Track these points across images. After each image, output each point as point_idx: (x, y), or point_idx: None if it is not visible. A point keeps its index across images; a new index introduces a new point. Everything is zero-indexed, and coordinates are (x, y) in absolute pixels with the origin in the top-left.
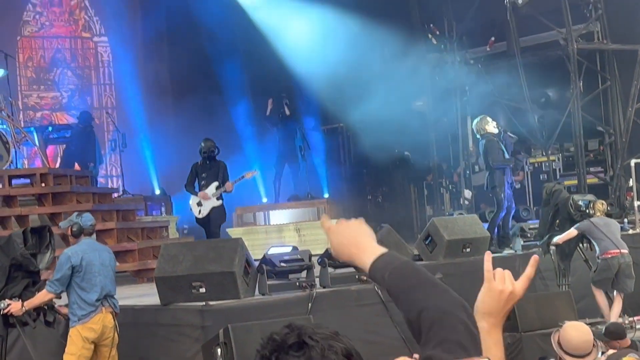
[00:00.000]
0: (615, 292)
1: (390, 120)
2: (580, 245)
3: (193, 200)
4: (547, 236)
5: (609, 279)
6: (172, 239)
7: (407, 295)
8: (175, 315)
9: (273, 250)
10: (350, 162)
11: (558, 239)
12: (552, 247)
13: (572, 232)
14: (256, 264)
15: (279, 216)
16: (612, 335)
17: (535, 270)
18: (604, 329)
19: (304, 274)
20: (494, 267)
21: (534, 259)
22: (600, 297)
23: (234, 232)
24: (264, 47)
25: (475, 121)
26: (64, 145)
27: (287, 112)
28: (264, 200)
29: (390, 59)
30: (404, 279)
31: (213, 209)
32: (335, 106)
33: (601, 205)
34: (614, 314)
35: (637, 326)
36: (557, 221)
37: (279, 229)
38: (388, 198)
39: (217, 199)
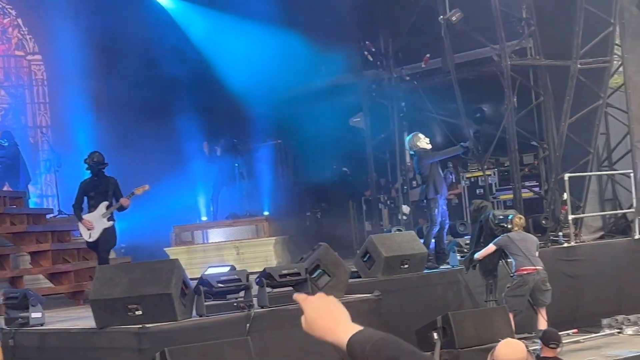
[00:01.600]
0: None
1: (329, 137)
2: (506, 260)
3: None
4: (470, 252)
5: (522, 296)
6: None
7: None
8: (112, 338)
9: (210, 270)
10: (289, 179)
11: (478, 254)
12: (476, 264)
13: (490, 247)
14: (194, 284)
15: (218, 235)
16: (548, 339)
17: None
18: (541, 334)
19: (242, 294)
20: (436, 283)
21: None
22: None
23: (172, 251)
24: (202, 65)
25: (407, 138)
26: None
27: (218, 153)
28: (203, 218)
29: (328, 76)
30: (388, 350)
31: (104, 230)
32: (273, 123)
33: (519, 219)
34: (542, 327)
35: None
36: (482, 237)
37: (217, 248)
38: (327, 214)
39: (108, 219)
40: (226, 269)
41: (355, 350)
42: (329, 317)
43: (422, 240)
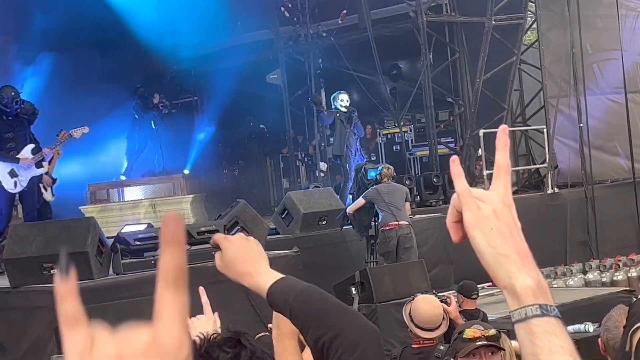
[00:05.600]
0: None
1: (245, 94)
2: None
3: (1, 170)
4: (343, 209)
5: (388, 252)
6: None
7: (319, 319)
8: (27, 297)
9: (127, 228)
10: (205, 136)
11: (349, 208)
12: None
13: (359, 201)
14: (110, 242)
15: (134, 192)
16: (469, 291)
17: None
18: (459, 287)
19: (159, 251)
20: (354, 239)
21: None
22: None
23: (87, 209)
24: (117, 24)
25: (332, 96)
26: None
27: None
28: (122, 178)
29: (244, 32)
30: (313, 302)
31: (32, 179)
32: (189, 80)
33: (387, 170)
34: None
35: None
36: (357, 194)
37: (133, 205)
38: (244, 171)
39: (37, 165)
40: (143, 227)
41: (276, 299)
42: (248, 259)
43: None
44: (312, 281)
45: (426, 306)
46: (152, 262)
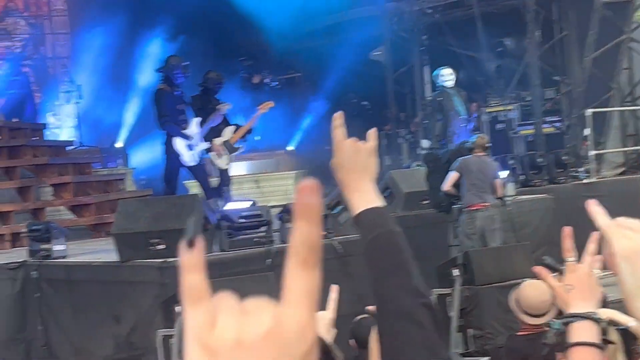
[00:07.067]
0: None
1: (348, 70)
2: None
3: (181, 143)
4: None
5: (472, 234)
6: (130, 192)
7: (379, 275)
8: (135, 271)
9: (231, 205)
10: (309, 113)
11: (444, 186)
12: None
13: (451, 175)
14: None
15: (238, 168)
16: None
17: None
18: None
19: (263, 229)
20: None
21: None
22: None
23: (191, 184)
24: (222, 4)
25: (434, 73)
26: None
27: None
28: None
29: (349, 8)
30: (384, 253)
31: (201, 152)
32: (292, 56)
33: (481, 139)
34: None
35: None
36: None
37: (237, 181)
38: None
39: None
40: (248, 204)
41: (361, 225)
42: (352, 171)
43: None
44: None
45: (534, 292)
46: (256, 239)
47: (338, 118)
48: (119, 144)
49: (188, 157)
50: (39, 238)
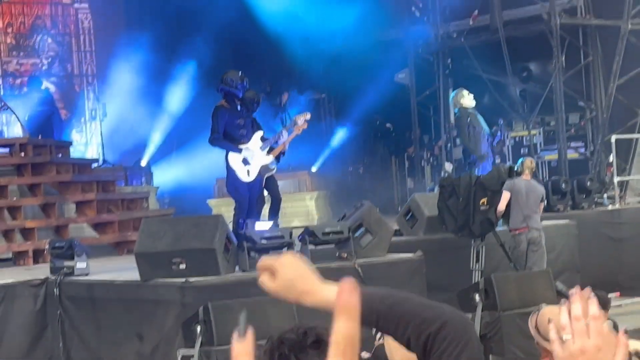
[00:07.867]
0: None
1: (373, 92)
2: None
3: (234, 158)
4: (477, 218)
5: (519, 257)
6: (153, 210)
7: (418, 315)
8: (156, 291)
9: (255, 226)
10: (333, 134)
11: (499, 207)
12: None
13: (504, 194)
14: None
15: None
16: (603, 304)
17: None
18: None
19: (285, 250)
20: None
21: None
22: None
23: (214, 202)
24: (244, 19)
25: (451, 95)
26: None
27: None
28: None
29: (374, 31)
30: (404, 302)
31: (263, 167)
32: (317, 77)
33: (530, 162)
34: None
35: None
36: (482, 200)
37: None
38: (369, 170)
39: (268, 153)
40: (269, 224)
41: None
42: (306, 277)
43: None
44: (435, 285)
45: (553, 318)
46: None
47: (267, 264)
48: (143, 162)
49: (242, 172)
50: (62, 255)
